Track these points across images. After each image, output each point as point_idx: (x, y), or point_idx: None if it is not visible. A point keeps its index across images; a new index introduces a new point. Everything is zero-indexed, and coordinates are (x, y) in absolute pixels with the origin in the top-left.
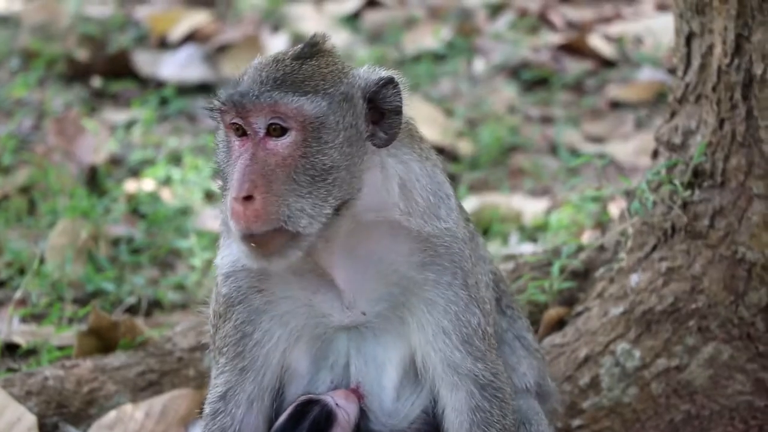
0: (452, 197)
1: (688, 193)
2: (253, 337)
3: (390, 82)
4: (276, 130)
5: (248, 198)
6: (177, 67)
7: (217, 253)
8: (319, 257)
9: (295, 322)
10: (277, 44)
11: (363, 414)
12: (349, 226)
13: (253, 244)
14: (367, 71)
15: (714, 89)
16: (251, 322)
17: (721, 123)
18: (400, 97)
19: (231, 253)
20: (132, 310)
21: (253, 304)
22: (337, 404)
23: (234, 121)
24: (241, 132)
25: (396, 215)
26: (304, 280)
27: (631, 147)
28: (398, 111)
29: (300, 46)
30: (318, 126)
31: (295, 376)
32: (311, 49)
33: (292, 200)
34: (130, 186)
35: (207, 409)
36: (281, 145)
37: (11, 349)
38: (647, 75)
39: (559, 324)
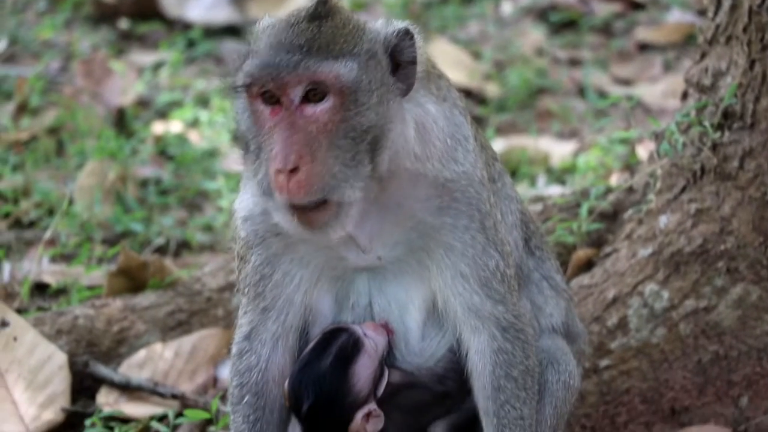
0: (470, 138)
1: (717, 134)
2: (272, 278)
3: (406, 33)
4: (315, 96)
5: (293, 170)
6: (204, 8)
7: (238, 197)
8: None
9: (315, 262)
10: None
11: (390, 352)
12: (377, 180)
13: (299, 215)
14: (383, 25)
15: (745, 30)
16: (270, 264)
17: (751, 64)
18: (416, 47)
19: (248, 198)
20: (160, 250)
21: (271, 248)
22: (365, 334)
23: (266, 90)
24: (274, 100)
25: (412, 161)
26: None
27: (660, 89)
28: (414, 61)
29: (310, 5)
30: (355, 89)
31: (319, 316)
32: (324, 8)
33: (335, 168)
34: (158, 128)
35: (234, 348)
36: (320, 111)
37: (41, 288)
38: (676, 17)
39: (588, 265)
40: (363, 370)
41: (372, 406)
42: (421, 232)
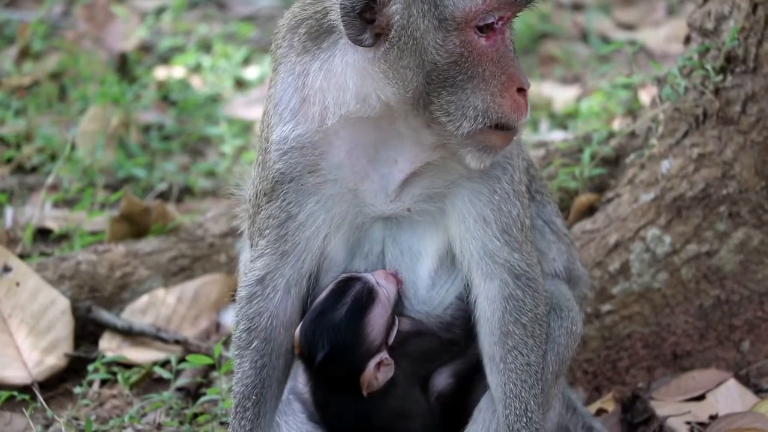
0: None
1: (720, 78)
2: (297, 218)
3: None
4: (509, 21)
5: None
6: None
7: (272, 130)
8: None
9: (338, 208)
10: None
11: (399, 300)
12: None
13: (510, 136)
14: None
15: None
16: (298, 203)
17: (754, 8)
18: None
19: (292, 130)
20: (163, 196)
21: (303, 185)
22: (377, 282)
23: (492, 18)
24: (489, 27)
25: None
26: (358, 164)
27: (663, 34)
28: None
29: None
30: None
31: (332, 264)
32: None
33: None
34: (160, 73)
35: (242, 292)
36: (510, 33)
37: (44, 233)
38: None
39: (590, 210)
40: (377, 320)
41: (384, 354)
42: (451, 181)
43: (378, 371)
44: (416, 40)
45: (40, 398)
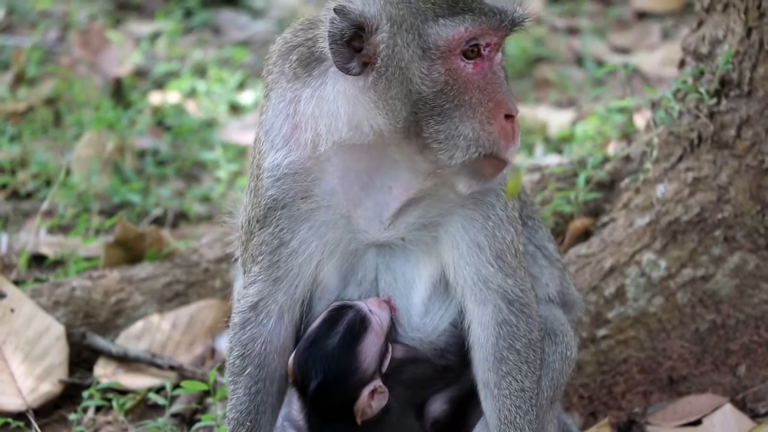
0: None
1: (714, 101)
2: (290, 245)
3: None
4: (497, 47)
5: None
6: None
7: (264, 157)
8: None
9: (331, 234)
10: None
11: (392, 327)
12: None
13: (503, 164)
14: None
15: None
16: (290, 230)
17: (748, 32)
18: None
19: (284, 157)
20: (158, 221)
21: (296, 211)
22: (370, 310)
23: (477, 43)
24: (475, 54)
25: None
26: (351, 191)
27: (658, 58)
28: None
29: None
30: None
31: (325, 291)
32: None
33: None
34: (155, 98)
35: (236, 318)
36: (501, 59)
37: (39, 260)
38: None
39: (585, 235)
40: (370, 348)
41: (377, 382)
42: (445, 209)
43: (372, 399)
44: (402, 70)
45: (35, 425)
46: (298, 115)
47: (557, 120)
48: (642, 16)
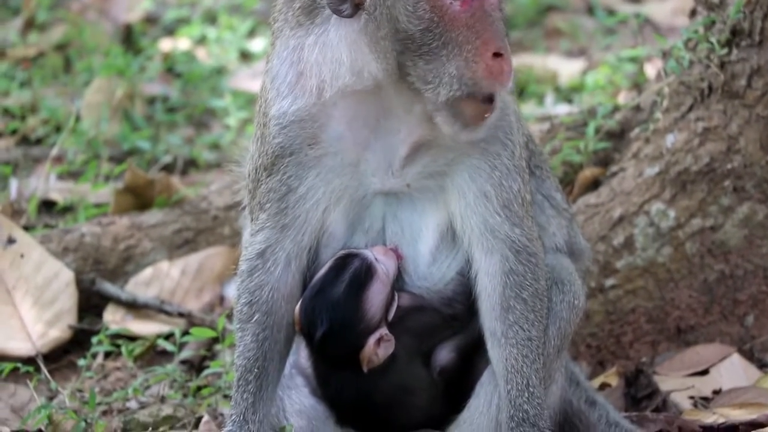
0: None
1: (725, 51)
2: (297, 191)
3: None
4: None
5: (505, 53)
6: None
7: (270, 105)
8: (413, 114)
9: (338, 181)
10: None
11: (399, 276)
12: None
13: (488, 108)
14: None
15: None
16: (298, 177)
17: None
18: None
19: (290, 104)
20: (167, 168)
21: (303, 157)
22: (376, 258)
23: None
24: None
25: None
26: (360, 135)
27: (669, 7)
28: None
29: None
30: None
31: (332, 239)
32: None
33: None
34: (165, 45)
35: (243, 266)
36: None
37: (48, 205)
38: None
39: (594, 184)
40: (376, 296)
41: (383, 330)
42: (451, 159)
43: (378, 347)
44: (389, 9)
45: (44, 370)
46: (303, 63)
47: (568, 69)
48: None
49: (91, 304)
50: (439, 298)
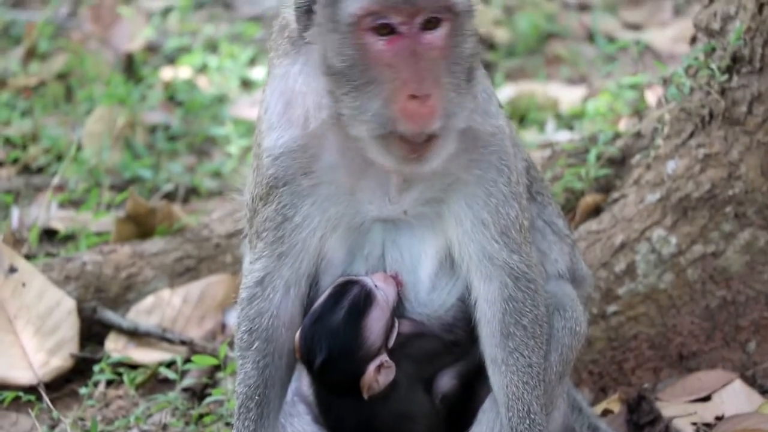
0: (494, 95)
1: (725, 78)
2: (293, 220)
3: None
4: (430, 24)
5: (423, 96)
6: None
7: (263, 135)
8: None
9: (334, 209)
10: None
11: (399, 302)
12: None
13: (415, 147)
14: None
15: None
16: (293, 206)
17: (760, 8)
18: None
19: (281, 136)
20: (169, 196)
21: (297, 187)
22: (375, 285)
23: (382, 22)
24: (387, 31)
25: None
26: (353, 164)
27: (669, 34)
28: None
29: None
30: (467, 13)
31: (331, 266)
32: None
33: (451, 95)
34: (167, 73)
35: (243, 293)
36: (437, 37)
37: (50, 234)
38: None
39: (596, 211)
40: (375, 323)
41: (383, 357)
42: (448, 185)
43: (378, 374)
44: (323, 43)
45: (46, 399)
46: (289, 92)
47: (568, 96)
48: None
49: (92, 332)
50: (439, 325)
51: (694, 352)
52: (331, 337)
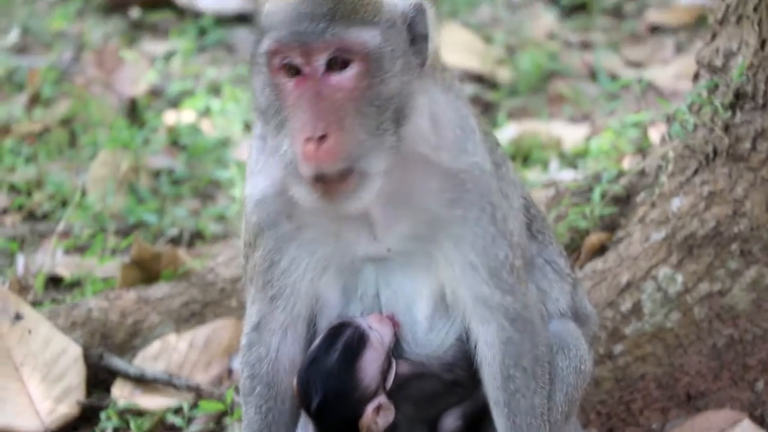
0: (477, 131)
1: (729, 114)
2: (280, 265)
3: (421, 7)
4: (336, 65)
5: (321, 137)
6: None
7: (246, 182)
8: None
9: (322, 250)
10: None
11: (397, 343)
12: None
13: (323, 187)
14: None
15: (755, 9)
16: (279, 250)
17: (762, 44)
18: (428, 23)
19: (261, 180)
20: (174, 241)
21: (281, 231)
22: (370, 327)
23: (287, 62)
24: (295, 72)
25: (427, 149)
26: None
27: (672, 71)
28: (427, 37)
29: None
30: (379, 55)
31: (327, 307)
32: None
33: (362, 137)
34: (170, 117)
35: (243, 340)
36: (345, 78)
37: (55, 281)
38: None
39: (601, 250)
40: (370, 364)
41: (382, 399)
42: (431, 224)
43: (377, 416)
44: (253, 83)
45: None
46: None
47: (571, 135)
48: (655, 29)
49: (99, 379)
50: (439, 364)
51: (702, 392)
52: (325, 379)
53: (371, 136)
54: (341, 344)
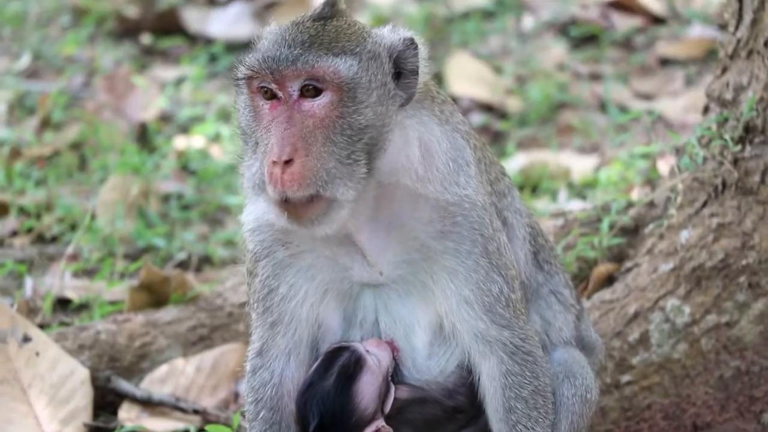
0: (472, 164)
1: (738, 148)
2: (278, 291)
3: (411, 42)
4: (310, 92)
5: (288, 161)
6: (226, 24)
7: (243, 210)
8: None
9: (321, 276)
10: None
11: (397, 368)
12: (374, 189)
13: (289, 209)
14: (390, 31)
15: (766, 44)
16: (276, 277)
17: None
18: (419, 58)
19: (256, 210)
20: (182, 265)
21: (277, 258)
22: (367, 350)
23: (263, 85)
24: (270, 95)
25: (414, 181)
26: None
27: (681, 104)
28: (416, 72)
29: (318, 7)
30: (353, 86)
31: (328, 332)
32: (331, 9)
33: (330, 164)
34: (180, 142)
35: (247, 365)
36: (317, 106)
37: (64, 303)
38: (697, 31)
39: (609, 280)
40: (367, 388)
41: (380, 422)
42: (425, 254)
43: None
44: (236, 105)
45: None
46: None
47: (581, 166)
48: (665, 62)
49: (106, 401)
50: (440, 390)
51: (708, 423)
52: (322, 402)
53: (341, 165)
54: (337, 367)
